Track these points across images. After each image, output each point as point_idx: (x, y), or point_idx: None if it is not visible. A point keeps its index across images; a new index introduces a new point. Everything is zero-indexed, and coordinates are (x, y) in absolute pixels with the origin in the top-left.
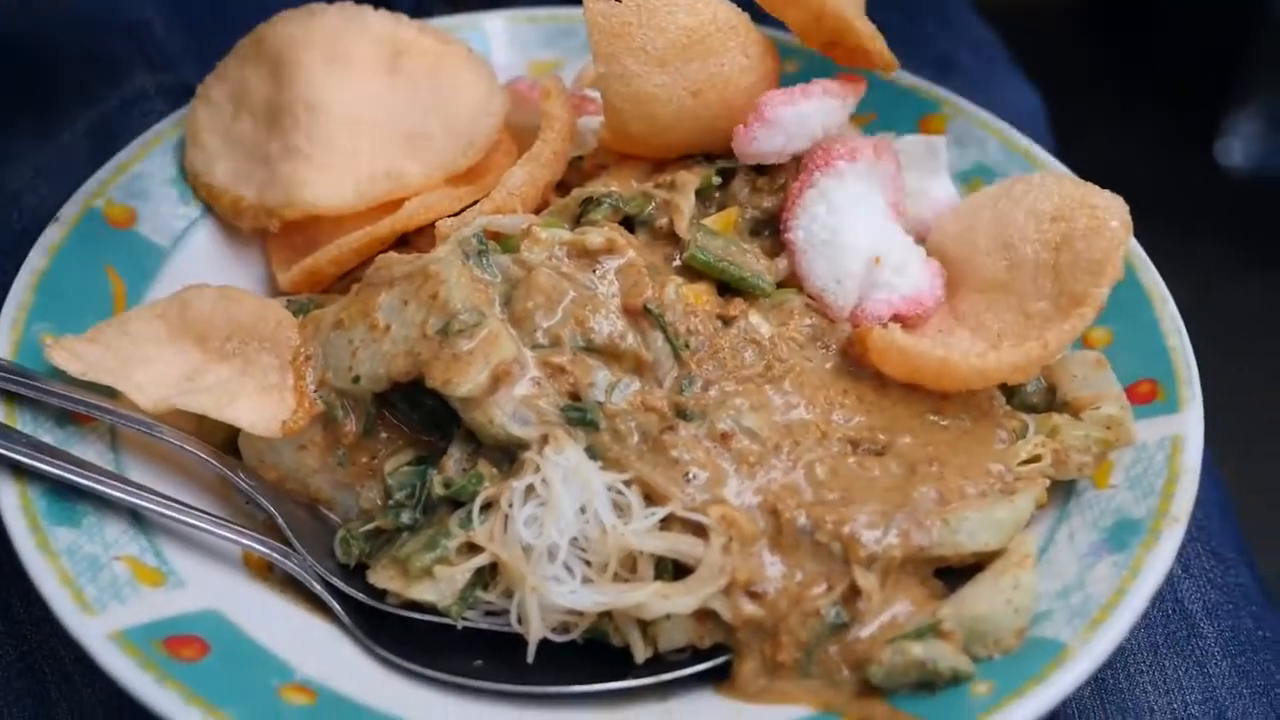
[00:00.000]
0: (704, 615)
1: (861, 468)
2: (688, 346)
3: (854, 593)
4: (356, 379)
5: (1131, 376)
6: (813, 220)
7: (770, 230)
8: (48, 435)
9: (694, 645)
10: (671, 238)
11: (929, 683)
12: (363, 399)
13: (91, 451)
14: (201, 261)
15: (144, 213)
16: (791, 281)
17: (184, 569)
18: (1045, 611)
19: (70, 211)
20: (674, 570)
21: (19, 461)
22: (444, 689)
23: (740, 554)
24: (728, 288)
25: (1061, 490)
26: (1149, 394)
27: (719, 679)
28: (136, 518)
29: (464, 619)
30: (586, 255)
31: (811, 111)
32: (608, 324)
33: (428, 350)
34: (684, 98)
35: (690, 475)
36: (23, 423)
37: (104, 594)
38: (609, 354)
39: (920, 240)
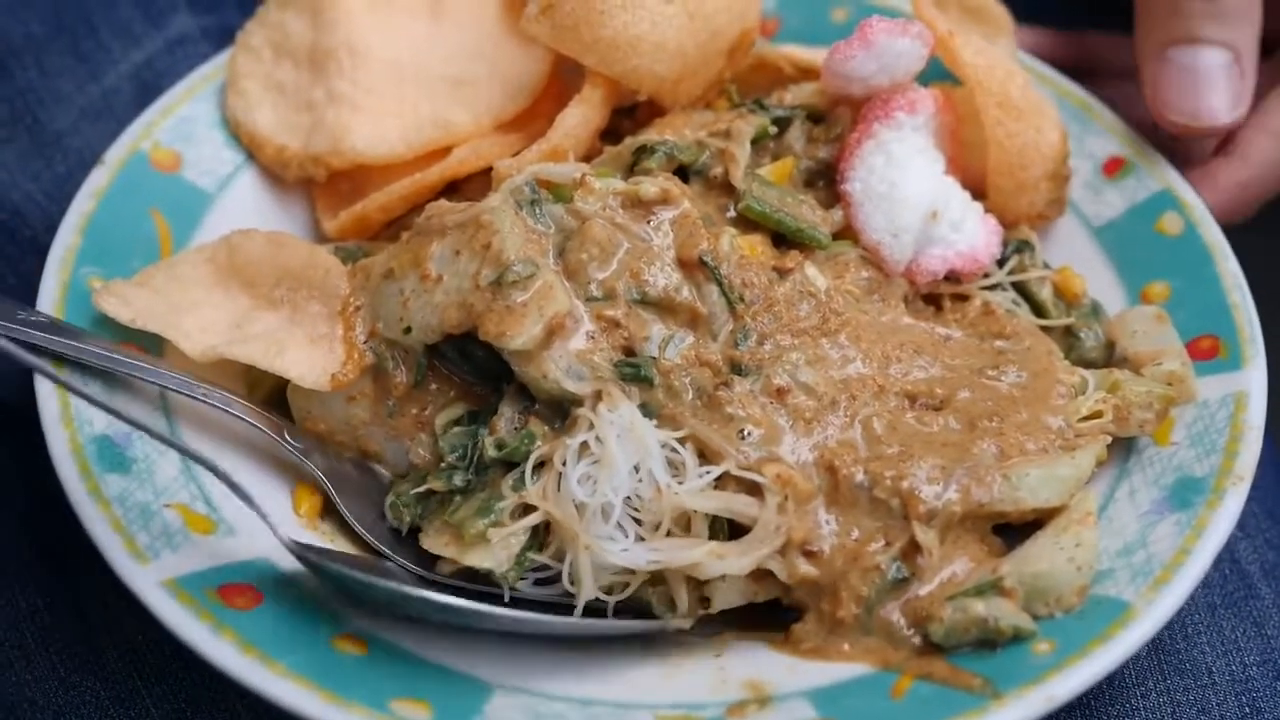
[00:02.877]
0: (760, 574)
1: (920, 423)
2: (743, 299)
3: (913, 549)
4: (408, 330)
5: (1191, 332)
6: (870, 172)
7: (825, 181)
8: (103, 416)
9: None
10: (726, 188)
11: (990, 640)
12: (413, 350)
13: (141, 415)
14: (247, 207)
15: (189, 157)
16: (846, 234)
17: (234, 516)
18: (1106, 570)
19: (115, 155)
20: (729, 530)
21: (74, 388)
22: (490, 640)
23: (796, 513)
24: (782, 239)
25: (1121, 447)
26: (1210, 350)
27: (774, 633)
28: (186, 465)
29: (514, 589)
30: (641, 206)
31: (906, 49)
32: (663, 276)
33: (481, 302)
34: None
35: (745, 432)
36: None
37: (156, 541)
38: (664, 307)
39: (978, 197)
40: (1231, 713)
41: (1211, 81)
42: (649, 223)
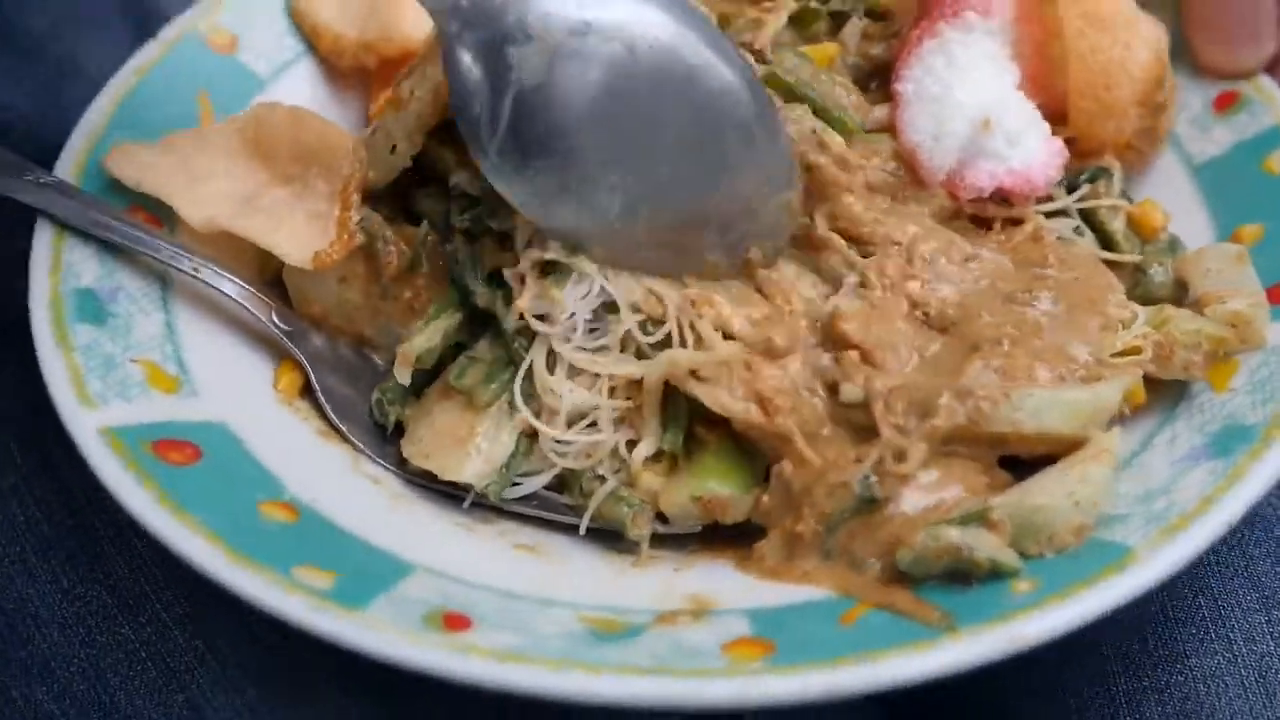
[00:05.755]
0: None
1: (915, 333)
2: None
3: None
4: (393, 148)
5: (1277, 276)
6: (926, 72)
7: (879, 83)
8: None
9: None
10: (760, 56)
11: (963, 573)
12: (412, 237)
13: (140, 293)
14: (301, 96)
15: (246, 40)
16: (893, 136)
17: (204, 381)
18: (1121, 515)
19: (169, 33)
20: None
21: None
22: (435, 534)
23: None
24: None
25: (1174, 392)
26: None
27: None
28: (169, 327)
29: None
30: None
31: None
32: None
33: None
34: None
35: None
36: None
37: (109, 391)
38: None
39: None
40: None
41: None
42: None
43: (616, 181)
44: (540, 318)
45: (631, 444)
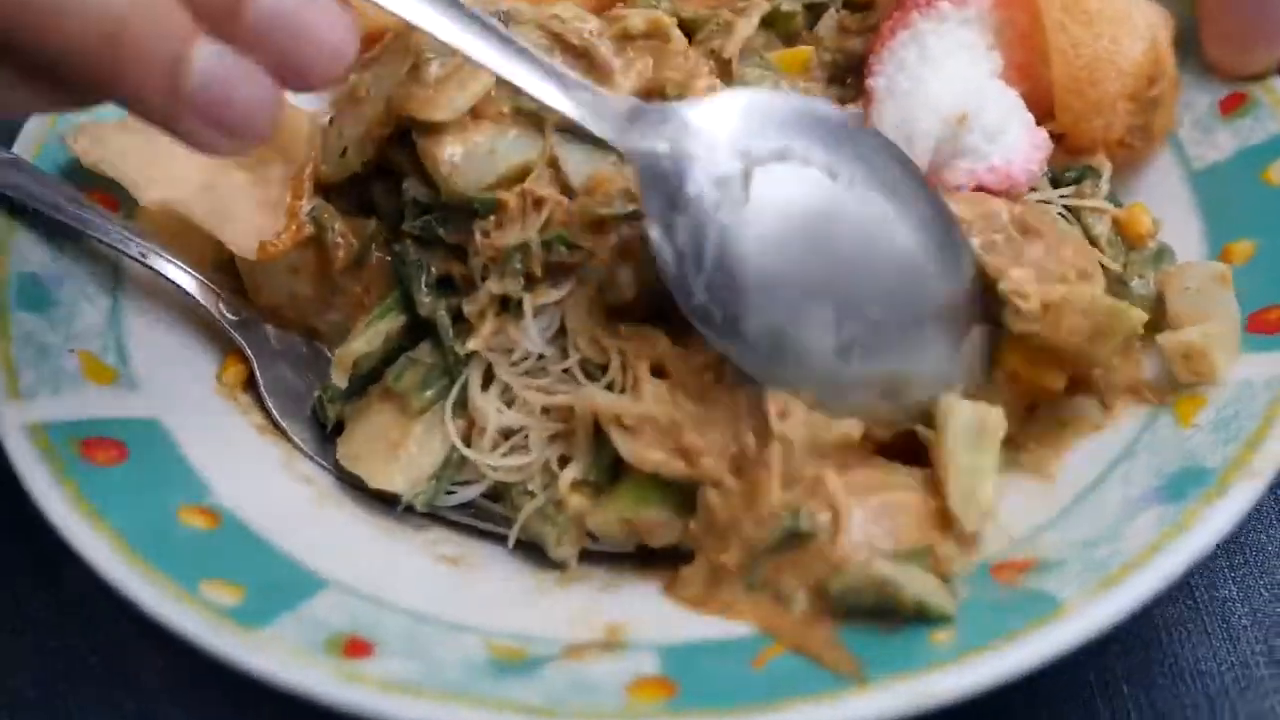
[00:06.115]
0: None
1: None
2: None
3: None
4: (344, 151)
5: (1261, 300)
6: (899, 67)
7: (854, 78)
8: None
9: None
10: (725, 66)
11: (887, 611)
12: (362, 229)
13: (89, 278)
14: None
15: None
16: None
17: (142, 372)
18: (1058, 562)
19: None
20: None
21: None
22: (355, 543)
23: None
24: None
25: (1135, 424)
26: (1277, 323)
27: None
28: (114, 315)
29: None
30: (625, 39)
31: None
32: None
33: (400, 92)
34: None
35: None
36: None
37: (40, 383)
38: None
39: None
40: None
41: None
42: (629, 54)
43: (828, 316)
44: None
45: (565, 460)
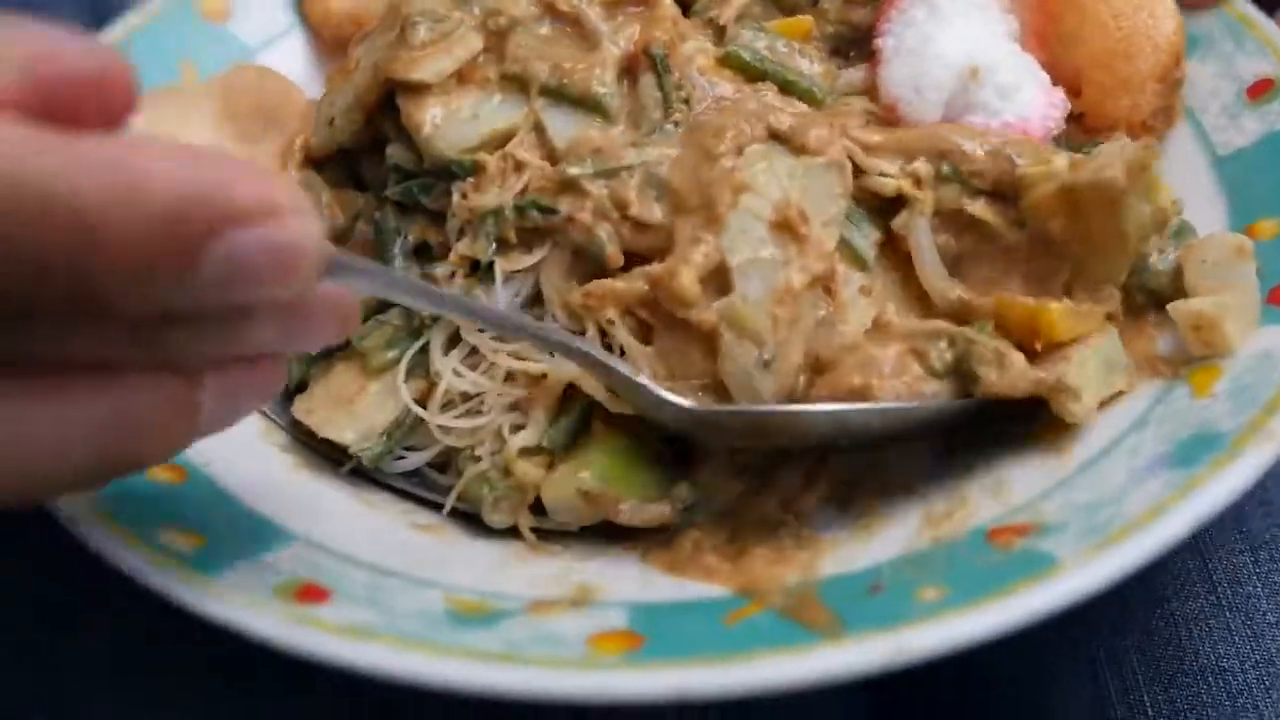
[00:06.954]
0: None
1: None
2: (686, 102)
3: None
4: (331, 121)
5: None
6: (907, 26)
7: (857, 50)
8: None
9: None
10: (722, 33)
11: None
12: (351, 203)
13: None
14: (288, 68)
15: (240, 9)
16: (871, 98)
17: None
18: (1059, 524)
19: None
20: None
21: None
22: (330, 507)
23: None
24: None
25: (1149, 395)
26: None
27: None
28: None
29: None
30: (616, 4)
31: None
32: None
33: (388, 53)
34: None
35: None
36: None
37: None
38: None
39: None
40: None
41: None
42: (618, 20)
43: None
44: None
45: (518, 428)
